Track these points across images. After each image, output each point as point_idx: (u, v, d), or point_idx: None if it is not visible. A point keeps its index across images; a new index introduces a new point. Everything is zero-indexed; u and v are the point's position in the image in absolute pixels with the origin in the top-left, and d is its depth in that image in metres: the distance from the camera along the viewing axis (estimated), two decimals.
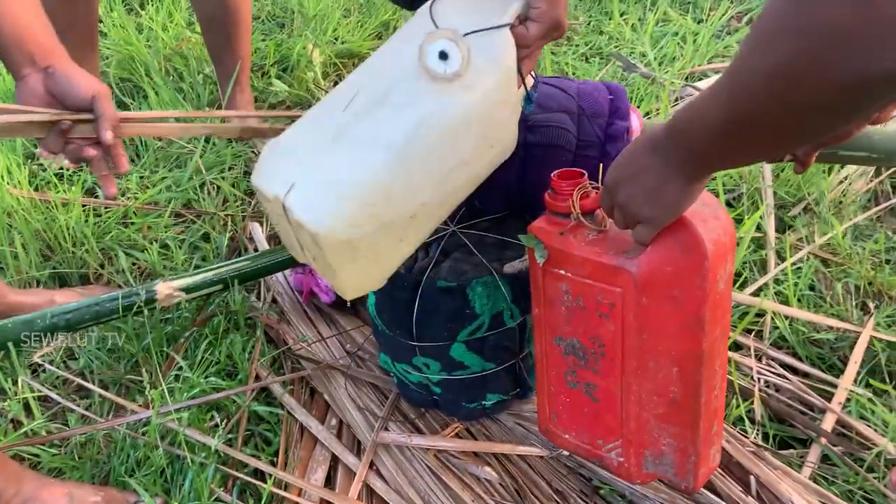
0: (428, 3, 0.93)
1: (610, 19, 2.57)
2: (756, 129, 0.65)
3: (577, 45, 2.46)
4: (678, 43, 2.39)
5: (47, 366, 1.36)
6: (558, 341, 1.02)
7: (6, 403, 1.28)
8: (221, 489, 1.15)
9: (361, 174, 0.85)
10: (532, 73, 1.01)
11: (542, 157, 1.11)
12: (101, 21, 2.17)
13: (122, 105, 2.06)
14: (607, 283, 0.92)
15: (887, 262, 1.62)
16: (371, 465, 1.18)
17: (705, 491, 1.10)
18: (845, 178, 1.85)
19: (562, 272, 0.96)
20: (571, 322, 0.99)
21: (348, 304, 1.48)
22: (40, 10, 1.04)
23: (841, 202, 1.79)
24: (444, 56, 0.86)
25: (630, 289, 0.89)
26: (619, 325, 0.93)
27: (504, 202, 1.19)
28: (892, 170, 1.86)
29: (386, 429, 1.23)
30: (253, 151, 1.92)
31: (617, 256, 0.90)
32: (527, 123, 1.10)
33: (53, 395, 1.31)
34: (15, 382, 1.31)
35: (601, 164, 1.05)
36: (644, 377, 0.95)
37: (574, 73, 2.26)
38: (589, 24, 2.61)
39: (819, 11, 0.52)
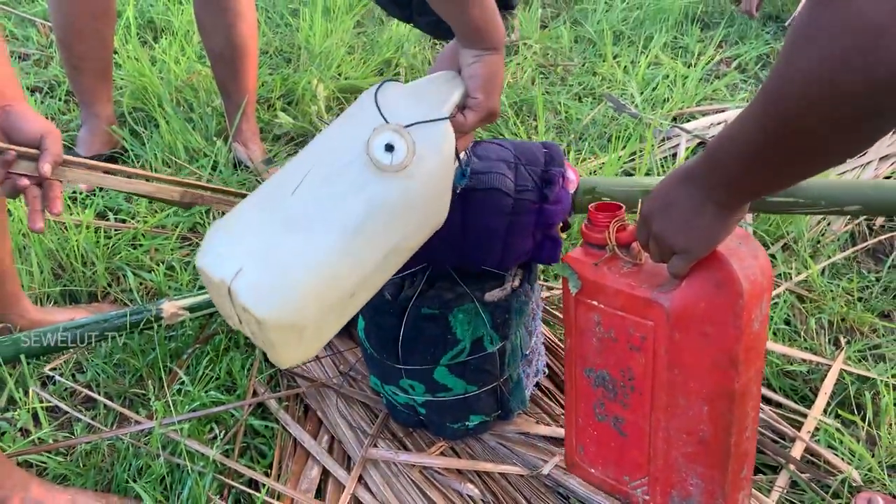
0: (373, 90, 0.95)
1: (603, 61, 2.66)
2: (790, 144, 0.63)
3: (570, 86, 2.55)
4: (668, 85, 2.48)
5: (57, 377, 1.42)
6: (588, 372, 1.01)
7: (16, 413, 1.33)
8: (218, 497, 1.21)
9: (312, 258, 0.85)
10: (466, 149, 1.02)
11: (481, 202, 1.12)
12: (116, 52, 2.26)
13: (134, 134, 2.14)
14: (640, 316, 0.91)
15: (860, 299, 1.69)
16: (360, 479, 1.23)
17: None
18: (823, 217, 1.92)
19: (594, 303, 0.96)
20: (602, 353, 0.98)
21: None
22: (6, 62, 1.11)
23: (819, 241, 1.86)
24: (389, 148, 0.89)
25: (662, 323, 0.88)
26: (650, 358, 0.92)
27: (452, 253, 1.18)
28: None
29: (375, 445, 1.28)
30: (257, 180, 1.99)
31: (651, 290, 0.89)
32: (464, 172, 1.11)
33: (62, 405, 1.37)
34: (26, 392, 1.36)
35: (539, 206, 1.06)
36: (673, 414, 0.93)
37: (567, 112, 2.34)
38: (583, 65, 2.70)
39: (853, 13, 0.52)
